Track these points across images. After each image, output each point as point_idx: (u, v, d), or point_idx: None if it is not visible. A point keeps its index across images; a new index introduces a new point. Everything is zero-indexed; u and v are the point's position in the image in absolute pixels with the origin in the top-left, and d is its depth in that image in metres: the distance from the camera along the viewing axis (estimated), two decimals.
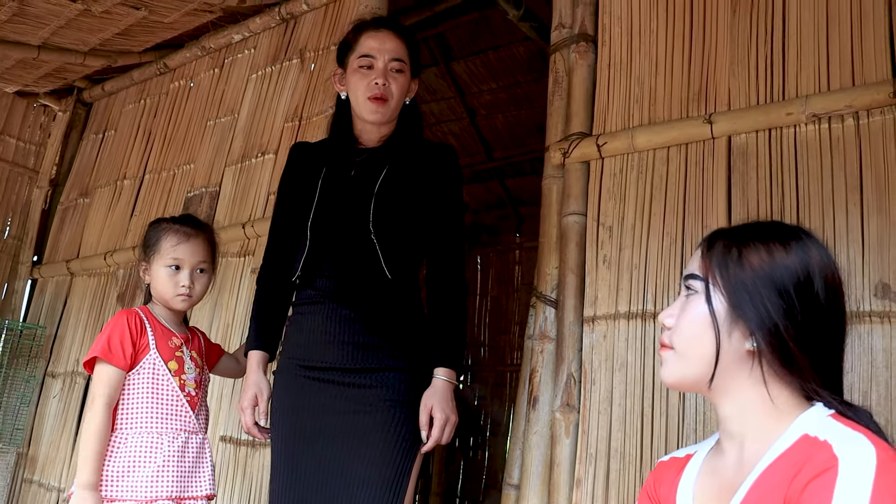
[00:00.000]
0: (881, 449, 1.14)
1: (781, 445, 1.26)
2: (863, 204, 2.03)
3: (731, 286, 1.32)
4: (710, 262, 1.36)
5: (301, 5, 3.77)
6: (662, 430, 2.18)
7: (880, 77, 2.08)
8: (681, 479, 1.46)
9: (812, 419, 1.26)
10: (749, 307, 1.30)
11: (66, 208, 5.03)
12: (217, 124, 4.05)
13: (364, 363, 2.19)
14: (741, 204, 2.22)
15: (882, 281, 1.94)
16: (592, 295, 2.43)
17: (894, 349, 1.88)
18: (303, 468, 2.15)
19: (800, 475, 1.17)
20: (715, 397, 1.37)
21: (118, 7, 3.87)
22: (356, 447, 2.12)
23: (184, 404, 2.31)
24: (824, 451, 1.17)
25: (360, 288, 2.24)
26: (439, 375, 2.19)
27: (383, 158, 2.34)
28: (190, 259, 2.36)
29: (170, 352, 2.31)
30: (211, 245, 2.47)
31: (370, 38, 2.35)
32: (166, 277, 2.35)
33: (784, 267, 1.30)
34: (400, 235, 2.27)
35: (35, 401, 4.52)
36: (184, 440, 2.29)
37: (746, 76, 2.32)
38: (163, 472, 2.22)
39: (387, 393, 2.17)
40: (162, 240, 2.36)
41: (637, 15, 2.63)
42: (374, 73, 2.31)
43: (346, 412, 2.16)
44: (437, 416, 2.14)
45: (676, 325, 1.38)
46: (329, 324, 2.24)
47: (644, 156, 2.45)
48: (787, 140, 2.19)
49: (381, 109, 2.30)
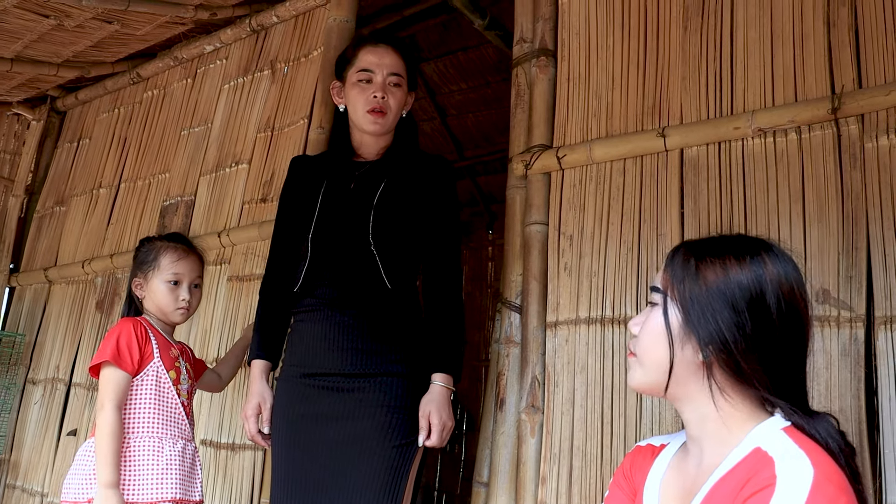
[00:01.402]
0: (819, 470, 1.20)
1: (736, 456, 1.32)
2: (805, 214, 2.14)
3: (686, 300, 1.39)
4: (669, 276, 1.44)
5: (271, 17, 3.84)
6: (621, 430, 2.29)
7: (820, 93, 2.19)
8: (651, 469, 1.54)
9: (765, 432, 1.33)
10: (700, 321, 1.37)
11: (42, 216, 5.07)
12: (191, 134, 4.11)
13: (363, 368, 2.26)
14: (693, 214, 2.32)
15: (822, 287, 2.06)
16: (554, 301, 2.54)
17: (833, 350, 2.00)
18: (304, 475, 2.21)
19: (744, 489, 1.24)
20: (676, 403, 1.45)
21: (91, 21, 3.92)
22: (355, 453, 2.18)
23: (181, 412, 2.42)
24: (767, 469, 1.24)
25: (360, 296, 2.31)
26: (437, 381, 2.27)
27: (381, 171, 2.42)
28: (189, 274, 2.50)
29: (170, 361, 2.43)
30: (201, 262, 2.61)
31: (369, 53, 2.45)
32: (166, 292, 2.47)
33: (737, 282, 1.36)
34: (399, 246, 2.36)
35: (16, 407, 4.58)
36: (182, 446, 2.40)
37: (697, 91, 2.43)
38: (167, 474, 2.33)
39: (384, 398, 2.24)
40: (161, 256, 2.48)
41: (594, 31, 2.72)
42: (373, 86, 2.40)
43: (345, 418, 2.22)
44: (435, 422, 2.21)
45: (639, 334, 1.47)
46: (328, 330, 2.31)
47: (602, 167, 2.56)
48: (736, 153, 2.30)
49: (379, 121, 2.40)
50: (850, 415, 1.94)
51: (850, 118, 2.12)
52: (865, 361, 1.97)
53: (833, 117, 2.13)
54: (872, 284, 2.00)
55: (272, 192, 3.43)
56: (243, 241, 3.48)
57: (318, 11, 3.65)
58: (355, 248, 2.33)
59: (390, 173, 2.43)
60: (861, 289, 2.01)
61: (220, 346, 3.41)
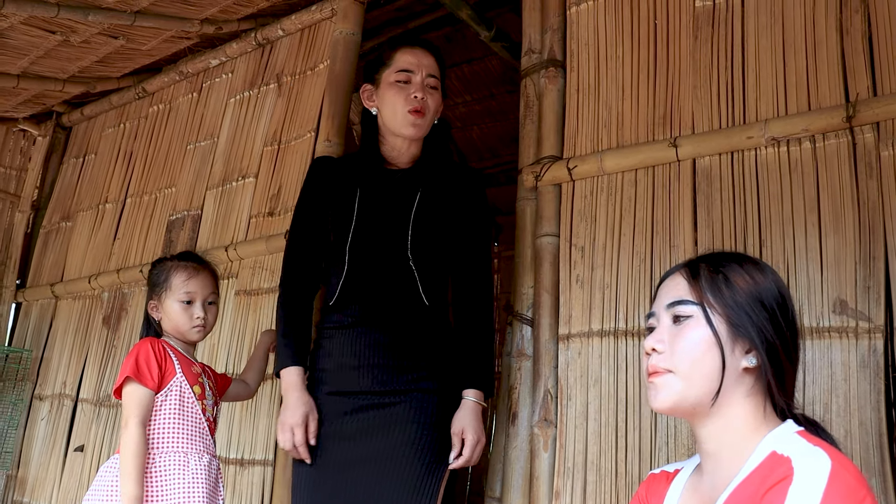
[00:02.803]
0: (837, 462, 1.21)
1: (752, 462, 1.32)
2: (820, 224, 2.12)
3: (728, 307, 1.40)
4: (700, 288, 1.44)
5: (277, 31, 3.84)
6: (636, 444, 2.27)
7: (834, 102, 2.17)
8: (667, 493, 1.53)
9: (780, 437, 1.33)
10: (749, 324, 1.39)
11: (48, 232, 5.06)
12: (197, 148, 4.10)
13: (394, 385, 2.22)
14: (706, 224, 2.31)
15: (840, 297, 2.04)
16: (567, 314, 2.52)
17: (852, 362, 1.98)
18: (336, 497, 2.16)
19: (762, 489, 1.24)
20: (700, 418, 1.43)
21: (96, 37, 3.92)
22: (385, 473, 2.13)
23: (205, 427, 2.41)
24: (784, 465, 1.24)
25: (397, 314, 2.27)
26: (469, 397, 2.24)
27: (415, 182, 2.38)
28: (201, 291, 2.48)
29: (194, 377, 2.42)
30: (215, 278, 2.58)
31: (407, 54, 2.40)
32: (181, 311, 2.46)
33: (765, 287, 1.41)
34: (436, 262, 2.32)
35: (23, 424, 4.56)
36: (208, 461, 2.39)
37: (709, 101, 2.41)
38: (193, 489, 2.31)
39: (415, 414, 2.19)
40: (172, 277, 2.47)
41: (603, 41, 2.71)
42: (413, 86, 2.35)
43: (374, 434, 2.18)
44: (469, 438, 2.18)
45: (673, 350, 1.43)
46: (361, 349, 2.26)
47: (613, 178, 2.54)
48: (749, 162, 2.28)
49: (419, 122, 2.34)
50: (871, 427, 1.91)
51: (865, 126, 2.10)
52: (885, 372, 1.94)
53: (848, 125, 2.12)
54: (891, 294, 1.98)
55: (279, 205, 3.42)
56: (251, 256, 3.46)
57: (323, 24, 3.65)
58: (393, 262, 2.28)
59: (424, 184, 2.38)
60: (879, 299, 1.98)
61: (228, 361, 3.39)
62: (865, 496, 1.18)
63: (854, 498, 1.17)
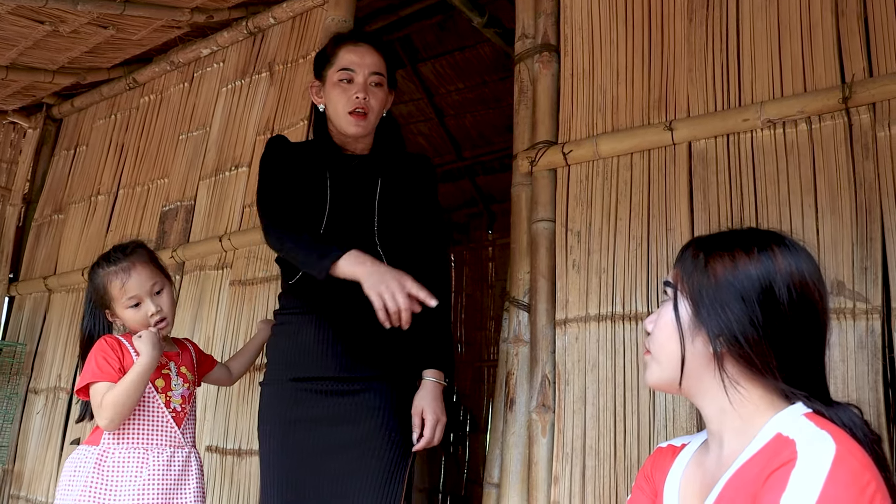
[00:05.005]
0: (842, 446, 1.19)
1: (756, 444, 1.32)
2: (817, 205, 2.11)
3: (695, 293, 1.39)
4: (679, 271, 1.44)
5: (268, 19, 3.81)
6: (634, 427, 2.27)
7: (830, 83, 2.17)
8: (671, 468, 1.53)
9: (786, 418, 1.32)
10: (710, 314, 1.36)
11: (40, 225, 5.04)
12: (189, 138, 4.08)
13: (359, 372, 2.22)
14: (702, 208, 2.30)
15: (836, 279, 2.03)
16: (563, 298, 2.51)
17: (849, 343, 1.98)
18: (302, 483, 2.17)
19: (765, 471, 1.24)
20: (694, 399, 1.45)
21: (86, 27, 3.89)
22: (355, 457, 2.15)
23: (169, 420, 2.36)
24: (788, 448, 1.23)
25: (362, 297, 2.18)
26: (428, 377, 2.24)
27: (375, 169, 2.38)
28: (142, 288, 2.36)
29: (156, 370, 2.36)
30: (153, 261, 2.46)
31: (350, 52, 2.39)
32: (134, 315, 2.36)
33: (746, 275, 1.36)
34: (401, 247, 2.32)
35: (19, 417, 4.54)
36: (169, 455, 2.34)
37: (704, 83, 2.41)
38: (148, 487, 2.28)
39: (379, 400, 2.21)
40: (108, 287, 2.36)
41: (597, 25, 2.70)
42: (355, 87, 2.34)
43: (344, 422, 2.19)
44: (428, 418, 2.19)
45: (653, 331, 1.47)
46: (323, 333, 2.26)
47: (608, 162, 2.53)
48: (745, 145, 2.28)
49: (361, 123, 2.34)
50: (869, 408, 1.91)
51: (861, 107, 2.10)
52: (882, 353, 1.94)
53: (844, 107, 2.11)
54: (888, 275, 1.98)
55: None
56: (245, 245, 3.45)
57: (315, 12, 3.63)
58: (362, 246, 2.22)
59: (383, 172, 2.39)
60: (877, 280, 1.98)
61: (223, 351, 3.37)
62: (870, 481, 1.16)
63: (858, 484, 1.15)
